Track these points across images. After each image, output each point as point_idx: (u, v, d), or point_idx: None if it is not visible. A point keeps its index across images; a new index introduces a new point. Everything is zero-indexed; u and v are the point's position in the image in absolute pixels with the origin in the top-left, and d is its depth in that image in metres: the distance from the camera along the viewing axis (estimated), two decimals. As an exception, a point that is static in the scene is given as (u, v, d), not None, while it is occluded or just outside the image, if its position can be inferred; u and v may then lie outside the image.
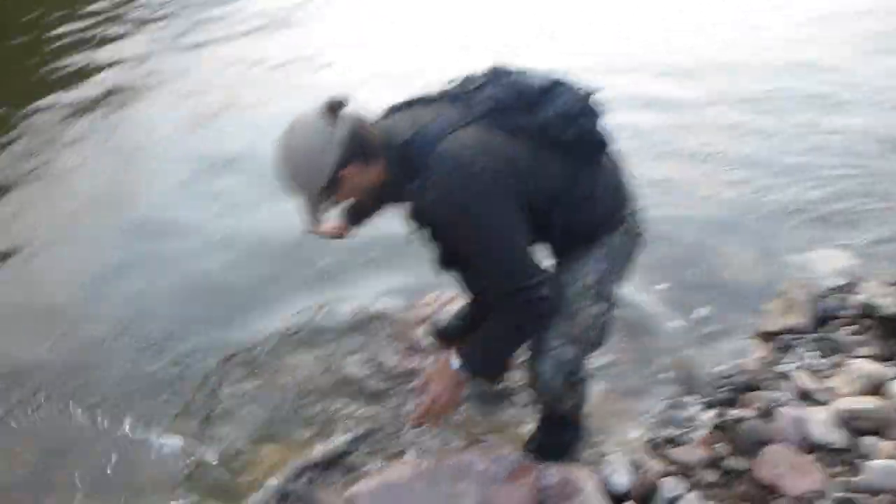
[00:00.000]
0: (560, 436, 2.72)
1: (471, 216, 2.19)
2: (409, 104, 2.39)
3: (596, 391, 3.02)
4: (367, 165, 2.24)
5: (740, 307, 3.46)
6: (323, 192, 2.23)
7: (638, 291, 3.50)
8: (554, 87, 2.31)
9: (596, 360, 3.11)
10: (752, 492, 2.49)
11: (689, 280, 3.68)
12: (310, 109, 2.21)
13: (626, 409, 3.01)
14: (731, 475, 2.59)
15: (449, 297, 3.44)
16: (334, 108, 2.19)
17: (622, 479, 2.51)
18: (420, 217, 2.42)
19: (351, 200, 2.43)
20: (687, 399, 3.02)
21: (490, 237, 2.22)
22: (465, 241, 2.28)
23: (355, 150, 2.20)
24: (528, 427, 2.84)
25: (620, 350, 3.24)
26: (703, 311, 3.46)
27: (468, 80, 2.39)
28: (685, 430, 2.89)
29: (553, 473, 2.43)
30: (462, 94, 2.34)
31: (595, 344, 2.47)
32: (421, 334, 3.33)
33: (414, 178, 2.21)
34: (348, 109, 2.22)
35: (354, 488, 2.46)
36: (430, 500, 2.39)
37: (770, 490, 2.46)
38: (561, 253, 2.49)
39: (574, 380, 2.44)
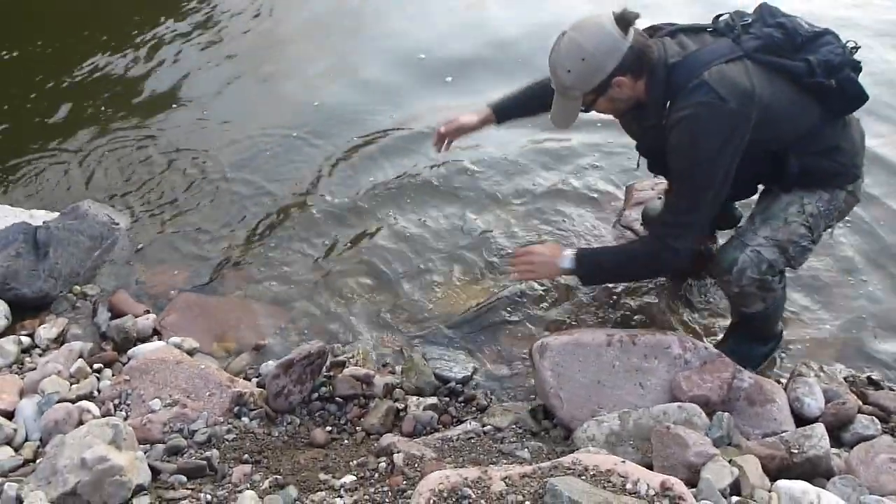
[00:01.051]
0: (751, 345, 2.74)
1: (699, 148, 2.28)
2: (674, 32, 2.42)
3: (810, 311, 2.94)
4: (636, 80, 2.34)
5: None
6: (591, 92, 2.36)
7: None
8: (822, 36, 2.37)
9: (822, 284, 3.04)
10: (954, 453, 2.35)
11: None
12: (601, 13, 2.31)
13: (832, 338, 2.90)
14: (934, 431, 2.45)
15: (667, 185, 3.36)
16: (627, 19, 2.28)
17: (815, 402, 2.44)
18: (655, 130, 2.41)
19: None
20: (901, 347, 2.86)
21: (698, 172, 2.31)
22: (678, 162, 2.37)
23: (634, 62, 2.31)
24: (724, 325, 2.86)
25: (847, 280, 3.09)
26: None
27: (737, 14, 2.43)
28: (892, 375, 2.76)
29: (747, 378, 2.40)
30: (730, 30, 2.38)
31: (791, 260, 2.49)
32: (633, 216, 3.31)
33: (671, 99, 2.31)
34: (636, 24, 2.31)
35: (547, 338, 2.54)
36: (616, 367, 2.44)
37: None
38: (789, 189, 2.50)
39: (766, 282, 2.46)
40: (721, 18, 2.46)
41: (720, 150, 2.27)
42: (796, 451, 2.16)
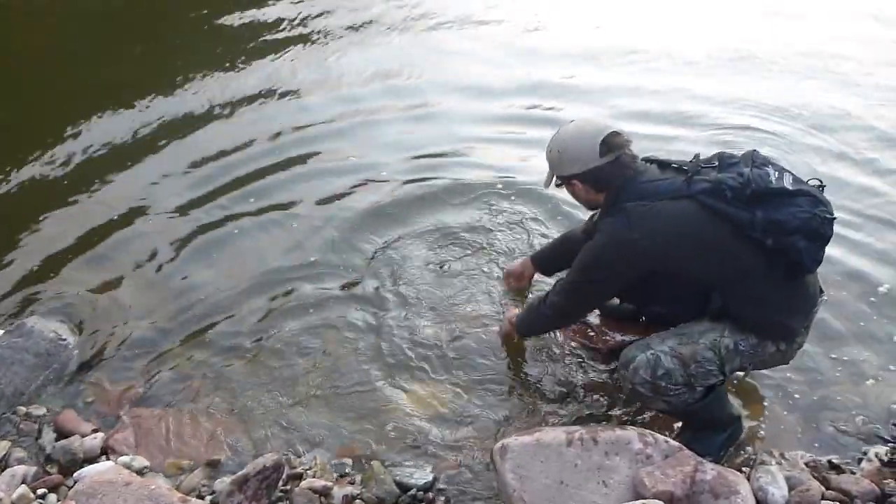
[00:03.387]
0: (708, 434, 2.73)
1: (590, 253, 2.60)
2: (663, 164, 2.66)
3: (764, 396, 2.98)
4: (594, 191, 2.67)
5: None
6: (557, 177, 2.74)
7: (832, 311, 3.37)
8: (793, 196, 2.39)
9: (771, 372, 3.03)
10: (919, 536, 2.35)
11: (881, 313, 3.44)
12: (601, 123, 2.64)
13: (792, 423, 2.92)
14: (898, 514, 2.45)
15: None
16: (612, 144, 2.56)
17: (779, 491, 2.44)
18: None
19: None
20: (859, 429, 2.89)
21: (580, 268, 2.66)
22: (581, 262, 2.66)
23: (594, 177, 2.62)
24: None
25: (799, 362, 3.11)
26: (892, 345, 3.27)
27: (715, 157, 2.57)
28: (852, 459, 2.77)
29: (710, 469, 2.39)
30: (693, 169, 2.53)
31: (691, 378, 2.53)
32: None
33: (608, 213, 2.60)
34: (626, 149, 2.59)
35: (507, 440, 2.51)
36: (579, 466, 2.41)
37: (942, 538, 2.32)
38: (718, 319, 2.56)
39: (660, 387, 2.52)
40: (700, 159, 2.60)
41: (603, 264, 2.58)
42: (764, 544, 2.14)
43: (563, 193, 2.87)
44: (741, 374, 2.70)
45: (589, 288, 2.68)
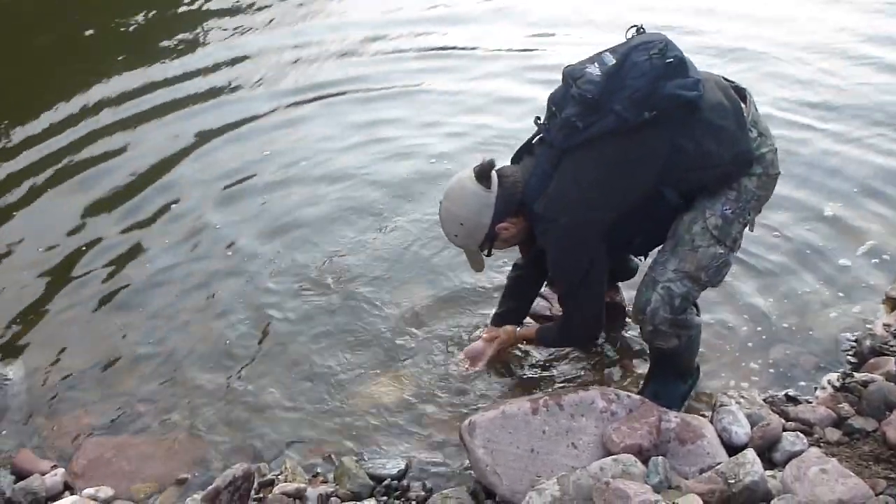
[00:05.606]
0: (673, 385, 2.78)
1: (554, 259, 2.57)
2: (525, 149, 2.63)
3: (714, 341, 3.02)
4: (517, 217, 2.56)
5: (878, 269, 3.37)
6: (483, 243, 2.62)
7: (772, 243, 3.49)
8: (622, 64, 2.32)
9: (718, 310, 3.11)
10: (878, 451, 2.43)
11: (826, 237, 3.58)
12: (459, 174, 2.59)
13: (744, 362, 3.00)
14: (855, 435, 2.54)
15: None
16: (485, 171, 2.51)
17: (742, 429, 2.49)
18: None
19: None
20: (809, 358, 2.99)
21: (562, 274, 2.62)
22: (550, 270, 2.67)
23: (503, 209, 2.53)
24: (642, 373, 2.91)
25: (743, 302, 3.20)
26: (835, 271, 3.39)
27: (550, 105, 2.50)
28: (806, 388, 2.86)
29: (673, 417, 2.44)
30: (543, 132, 2.51)
31: (706, 284, 2.53)
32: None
33: (536, 227, 2.57)
34: (496, 170, 2.53)
35: (474, 417, 2.52)
36: (547, 432, 2.43)
37: (899, 451, 2.40)
38: (691, 198, 2.51)
39: (679, 318, 2.51)
40: (542, 120, 2.55)
41: (569, 254, 2.52)
42: (733, 480, 2.19)
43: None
44: (748, 231, 2.59)
45: (592, 272, 2.54)
